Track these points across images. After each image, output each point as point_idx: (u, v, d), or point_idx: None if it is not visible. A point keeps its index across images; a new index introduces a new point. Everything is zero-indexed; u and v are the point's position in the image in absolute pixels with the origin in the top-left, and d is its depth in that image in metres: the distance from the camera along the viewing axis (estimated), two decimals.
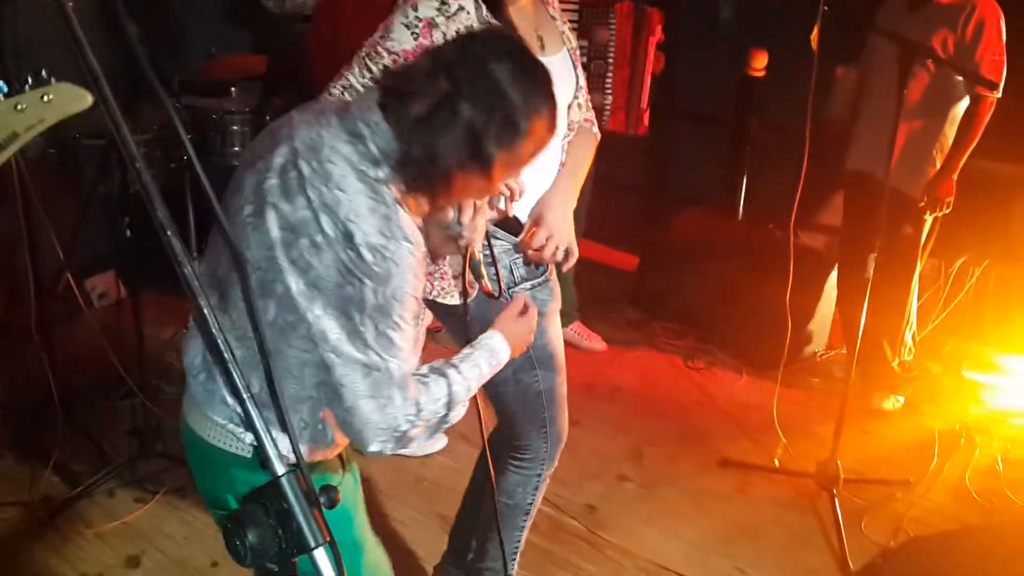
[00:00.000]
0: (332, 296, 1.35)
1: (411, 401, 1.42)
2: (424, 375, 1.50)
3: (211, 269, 1.52)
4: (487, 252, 1.88)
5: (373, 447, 1.41)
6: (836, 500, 3.00)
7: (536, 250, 2.00)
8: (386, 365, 1.38)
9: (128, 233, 2.78)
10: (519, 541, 2.40)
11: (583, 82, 2.18)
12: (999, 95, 3.43)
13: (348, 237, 1.34)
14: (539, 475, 2.30)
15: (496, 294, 1.79)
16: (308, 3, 4.15)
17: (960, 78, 3.42)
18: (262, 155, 1.47)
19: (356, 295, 1.35)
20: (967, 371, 4.08)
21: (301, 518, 0.84)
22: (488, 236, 1.83)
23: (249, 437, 1.46)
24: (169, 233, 0.85)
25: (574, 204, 2.11)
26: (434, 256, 1.71)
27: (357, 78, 1.90)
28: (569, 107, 2.12)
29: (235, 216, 1.44)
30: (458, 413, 1.54)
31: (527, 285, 2.09)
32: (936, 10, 3.44)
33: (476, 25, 1.90)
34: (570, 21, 3.50)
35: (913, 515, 3.09)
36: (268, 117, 3.34)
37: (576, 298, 4.29)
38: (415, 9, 1.88)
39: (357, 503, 1.71)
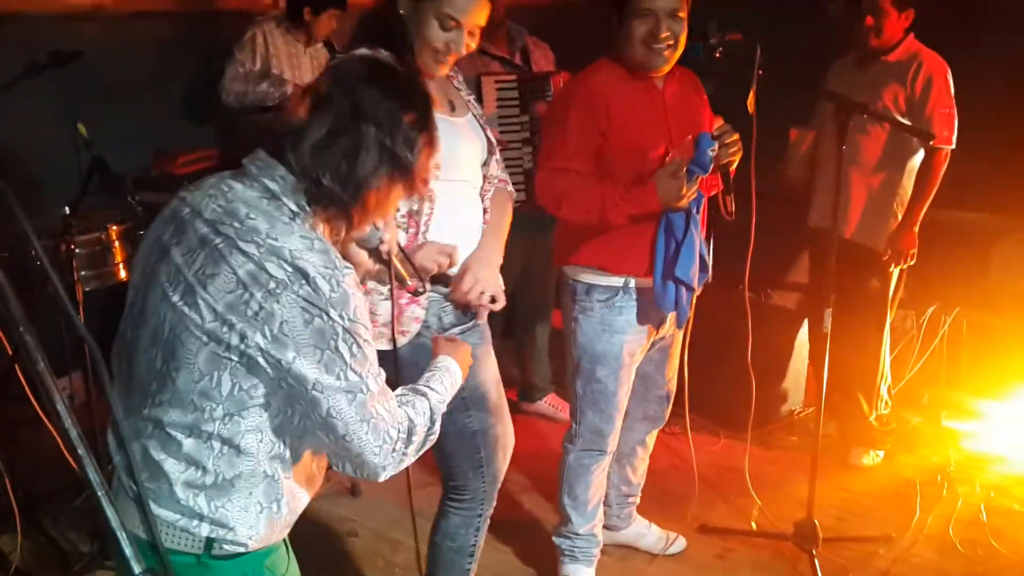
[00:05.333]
0: (302, 335, 1.38)
1: (398, 414, 1.52)
2: (404, 395, 1.61)
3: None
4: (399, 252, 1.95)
5: (379, 471, 1.51)
6: (816, 560, 2.94)
7: (464, 293, 2.15)
8: (365, 383, 1.44)
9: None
10: None
11: (495, 141, 2.35)
12: (952, 147, 3.49)
13: (302, 274, 1.38)
14: (479, 515, 2.39)
15: (421, 289, 1.91)
16: (271, 94, 4.23)
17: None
18: (171, 241, 1.48)
19: (326, 325, 1.39)
20: (946, 420, 4.03)
21: None
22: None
23: (205, 530, 1.45)
24: (21, 329, 0.83)
25: (499, 260, 2.27)
26: (361, 275, 1.79)
27: None
28: (485, 164, 2.29)
29: (156, 307, 1.45)
30: (437, 430, 1.64)
31: (456, 330, 2.22)
32: (885, 67, 3.51)
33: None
34: (508, 99, 3.59)
35: (897, 571, 3.03)
36: None
37: (550, 371, 4.27)
38: None
39: None
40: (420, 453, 1.61)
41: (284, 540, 1.64)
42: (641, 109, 2.51)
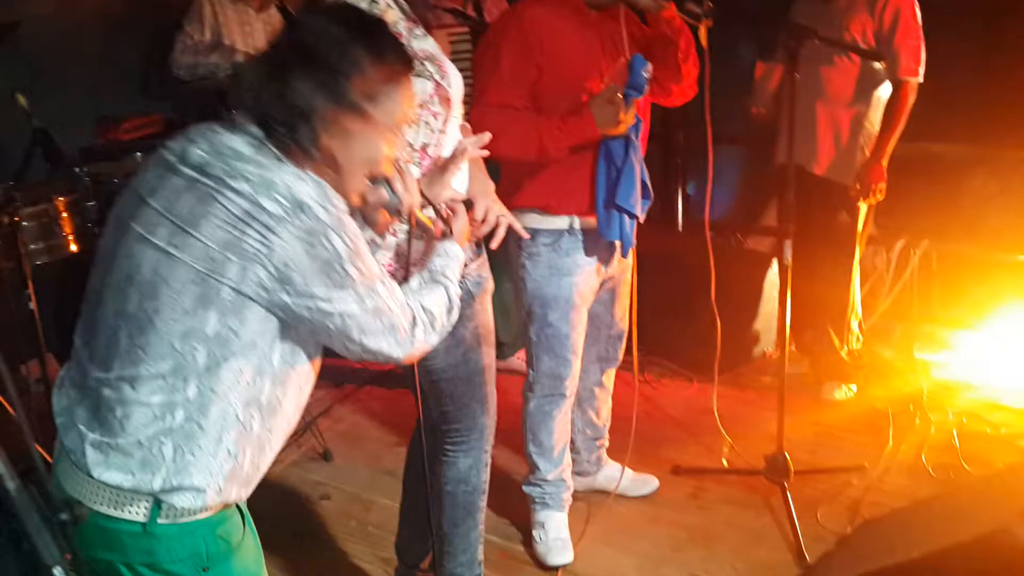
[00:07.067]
0: (308, 267, 1.38)
1: (407, 305, 1.57)
2: (421, 286, 1.69)
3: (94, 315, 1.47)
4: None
5: (396, 359, 1.57)
6: (788, 493, 2.93)
7: (479, 224, 2.12)
8: (374, 288, 1.47)
9: (32, 308, 2.74)
10: (481, 525, 2.47)
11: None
12: (919, 79, 3.44)
13: (299, 204, 1.36)
14: (486, 451, 2.38)
15: (447, 230, 1.90)
16: (222, 67, 4.15)
17: (878, 64, 3.43)
18: (148, 187, 1.44)
19: (330, 252, 1.39)
20: (918, 352, 4.03)
21: (33, 534, 0.78)
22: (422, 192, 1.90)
23: (158, 482, 1.38)
24: None
25: (493, 186, 2.24)
26: (381, 229, 1.78)
27: None
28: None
29: (130, 251, 1.41)
30: (456, 315, 1.73)
31: (473, 265, 2.22)
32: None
33: (401, 22, 2.02)
34: (462, 51, 3.54)
35: (870, 499, 3.02)
36: None
37: (519, 326, 4.24)
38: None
39: (260, 568, 1.62)
40: (442, 335, 1.68)
41: (241, 508, 1.58)
42: (576, 41, 2.47)
